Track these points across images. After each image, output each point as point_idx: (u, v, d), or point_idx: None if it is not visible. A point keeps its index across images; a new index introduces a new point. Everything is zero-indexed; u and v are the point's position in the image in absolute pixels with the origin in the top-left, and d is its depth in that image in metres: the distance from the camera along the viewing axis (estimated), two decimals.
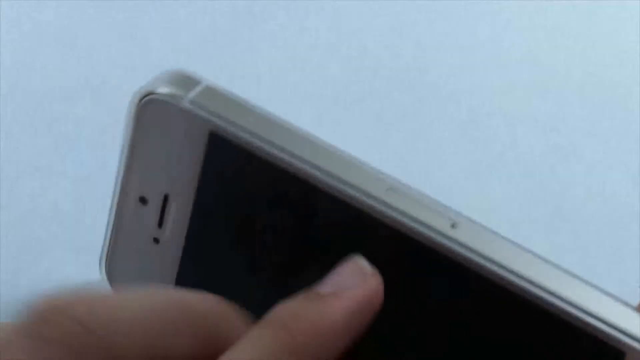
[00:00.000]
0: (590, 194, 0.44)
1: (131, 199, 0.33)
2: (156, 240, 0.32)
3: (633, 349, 0.26)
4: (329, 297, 0.26)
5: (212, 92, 0.31)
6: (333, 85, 0.49)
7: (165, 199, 0.32)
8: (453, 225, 0.28)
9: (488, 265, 0.27)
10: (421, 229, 0.28)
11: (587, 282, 0.27)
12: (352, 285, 0.26)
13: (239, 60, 0.50)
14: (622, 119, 0.48)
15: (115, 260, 0.34)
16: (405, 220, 0.28)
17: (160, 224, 0.32)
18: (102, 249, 0.34)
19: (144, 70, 0.48)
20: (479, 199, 0.43)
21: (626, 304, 0.27)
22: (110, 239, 0.33)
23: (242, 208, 0.31)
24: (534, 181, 0.44)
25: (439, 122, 0.47)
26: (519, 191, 0.44)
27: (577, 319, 0.26)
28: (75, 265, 0.40)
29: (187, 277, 0.32)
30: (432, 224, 0.28)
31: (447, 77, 0.49)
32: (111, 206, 0.33)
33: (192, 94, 0.31)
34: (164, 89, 0.31)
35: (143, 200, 0.33)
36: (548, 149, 0.47)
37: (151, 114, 0.32)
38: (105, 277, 0.34)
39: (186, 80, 0.32)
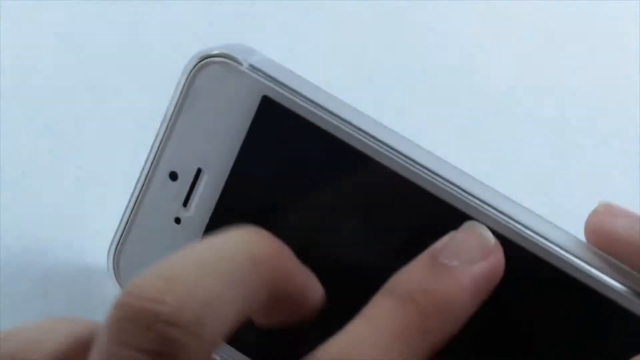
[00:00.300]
0: (590, 194, 0.44)
1: (161, 174, 0.33)
2: (177, 221, 0.32)
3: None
4: (455, 270, 0.24)
5: (269, 61, 0.32)
6: (333, 85, 0.49)
7: (197, 174, 0.32)
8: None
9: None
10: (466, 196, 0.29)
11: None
12: (478, 258, 0.25)
13: None
14: (622, 119, 0.48)
15: (128, 245, 0.34)
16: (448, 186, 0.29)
17: (186, 202, 0.32)
18: (114, 235, 0.33)
19: (144, 70, 0.48)
20: None
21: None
22: (127, 222, 0.33)
23: (288, 177, 0.31)
24: (534, 181, 0.44)
25: (439, 122, 0.47)
26: (519, 191, 0.44)
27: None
28: (76, 266, 0.40)
29: None
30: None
31: (447, 77, 0.49)
32: (137, 183, 0.33)
33: (250, 59, 0.32)
34: (223, 53, 0.32)
35: (173, 176, 0.33)
36: (548, 149, 0.47)
37: (208, 75, 0.32)
38: (111, 265, 0.34)
39: (244, 49, 0.33)
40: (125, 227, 0.33)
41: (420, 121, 0.47)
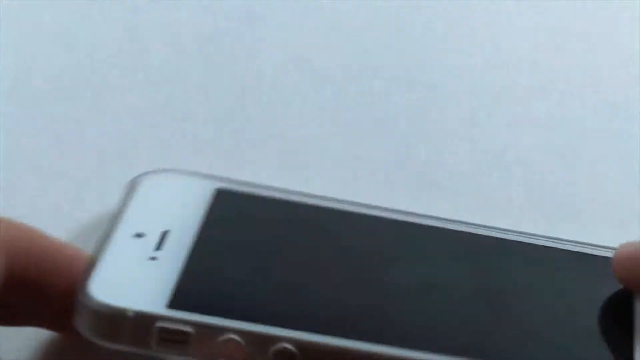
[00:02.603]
0: (591, 194, 0.44)
1: (126, 235, 0.33)
2: (153, 259, 0.33)
3: None
4: None
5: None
6: (333, 85, 0.49)
7: (164, 233, 0.33)
8: None
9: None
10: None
11: None
12: None
13: (240, 61, 0.50)
14: (622, 119, 0.48)
15: (102, 281, 0.33)
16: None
17: (158, 248, 0.33)
18: (87, 271, 0.33)
19: (144, 70, 0.48)
20: (479, 198, 0.43)
21: None
22: (98, 266, 0.33)
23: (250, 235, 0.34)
24: (534, 181, 0.44)
25: (439, 122, 0.47)
26: (519, 191, 0.44)
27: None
28: None
29: (187, 289, 0.32)
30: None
31: (447, 77, 0.49)
32: (100, 240, 0.33)
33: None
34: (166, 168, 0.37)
35: (139, 235, 0.34)
36: (548, 149, 0.47)
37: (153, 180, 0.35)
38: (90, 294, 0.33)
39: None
40: (96, 269, 0.33)
41: (419, 121, 0.47)
